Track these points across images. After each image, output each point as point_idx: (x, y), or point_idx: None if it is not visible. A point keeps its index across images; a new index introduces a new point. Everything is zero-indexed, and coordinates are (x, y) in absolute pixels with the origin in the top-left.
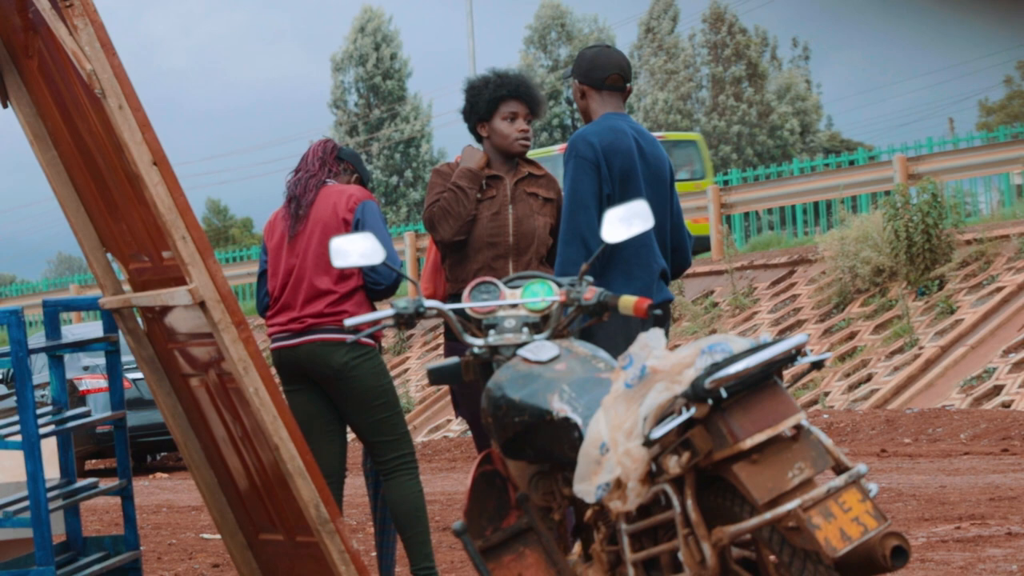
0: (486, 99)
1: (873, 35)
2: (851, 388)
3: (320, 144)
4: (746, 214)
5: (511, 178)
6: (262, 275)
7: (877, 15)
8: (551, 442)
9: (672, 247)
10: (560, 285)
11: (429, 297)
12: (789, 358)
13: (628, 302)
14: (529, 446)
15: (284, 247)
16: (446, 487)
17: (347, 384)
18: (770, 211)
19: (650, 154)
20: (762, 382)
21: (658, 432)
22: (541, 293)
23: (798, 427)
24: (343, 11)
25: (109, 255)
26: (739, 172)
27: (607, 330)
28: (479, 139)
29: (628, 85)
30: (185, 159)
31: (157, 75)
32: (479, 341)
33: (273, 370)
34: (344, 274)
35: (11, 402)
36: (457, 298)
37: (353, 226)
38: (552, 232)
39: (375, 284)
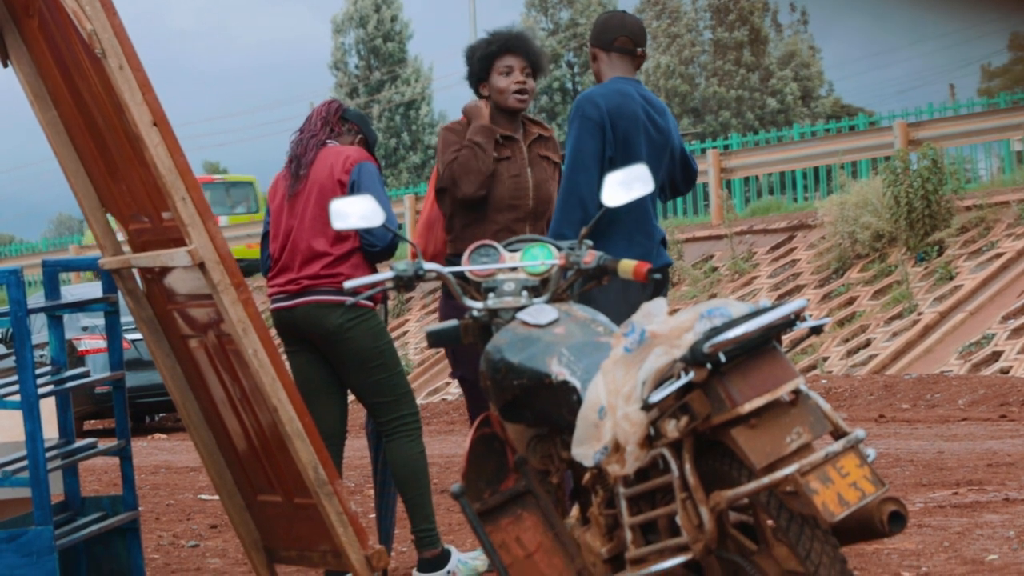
0: (479, 56)
1: (875, 0)
2: (850, 353)
3: (325, 104)
4: (746, 179)
5: (525, 140)
6: (265, 236)
7: None
8: (550, 406)
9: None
10: (560, 249)
11: (431, 255)
12: (788, 323)
13: (628, 266)
14: (528, 409)
15: (285, 208)
16: (444, 450)
17: (344, 345)
18: (770, 176)
19: (657, 123)
20: (761, 347)
21: (657, 396)
22: (540, 256)
23: (796, 392)
24: None
25: (109, 216)
26: (739, 137)
27: (606, 295)
28: (484, 100)
29: (640, 50)
30: (189, 120)
31: (165, 36)
32: (478, 304)
33: (273, 332)
34: (340, 236)
35: (10, 362)
36: (458, 260)
37: (349, 188)
38: None
39: (370, 246)
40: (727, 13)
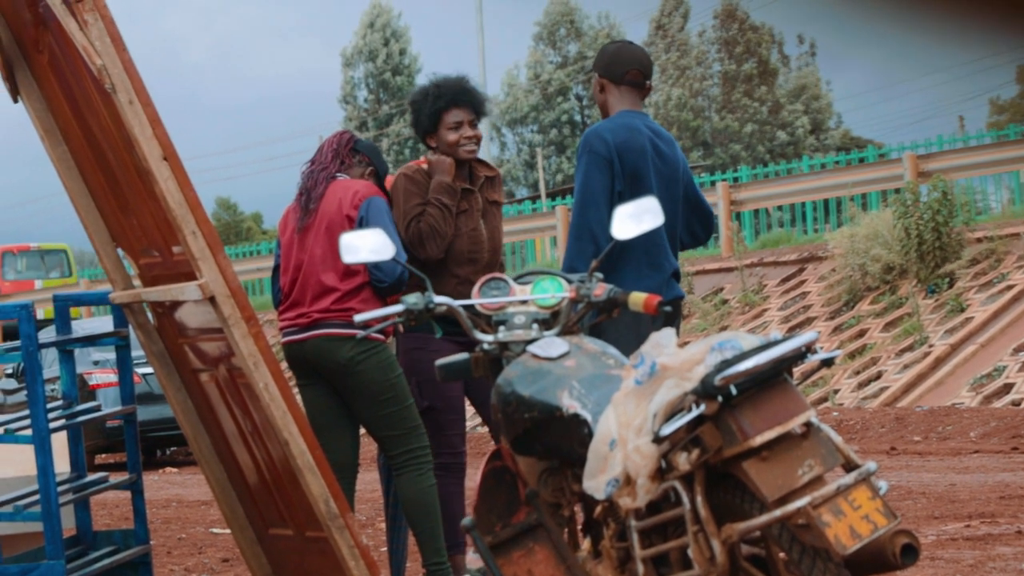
0: (428, 112)
1: (885, 33)
2: (861, 386)
3: (336, 136)
4: (756, 211)
5: (474, 185)
6: (276, 269)
7: (889, 13)
8: (561, 438)
9: (696, 218)
10: (570, 281)
11: None
12: (799, 355)
13: (638, 299)
14: (539, 442)
15: (295, 242)
16: None
17: (354, 379)
18: (780, 208)
19: (665, 154)
20: (772, 379)
21: (668, 429)
22: (551, 289)
23: (808, 424)
24: (355, 5)
25: (120, 250)
26: (749, 169)
27: (617, 327)
28: (431, 150)
29: (648, 83)
30: (202, 153)
31: (180, 70)
32: (489, 337)
33: (284, 365)
34: (350, 271)
35: (22, 396)
36: None
37: (357, 223)
38: None
39: (379, 281)
40: (735, 45)
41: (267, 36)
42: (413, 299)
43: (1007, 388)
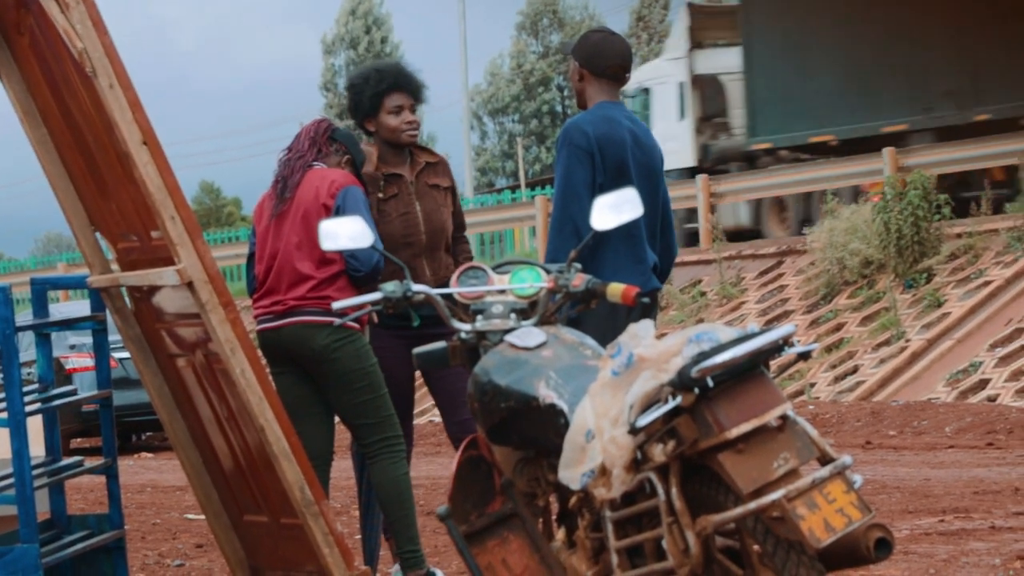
0: (369, 95)
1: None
2: (837, 379)
3: (314, 124)
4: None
5: (411, 172)
6: (251, 258)
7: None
8: (537, 428)
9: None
10: (548, 272)
11: None
12: (776, 348)
13: (616, 290)
14: (515, 432)
15: (270, 230)
16: (431, 471)
17: (328, 366)
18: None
19: (643, 144)
20: (749, 372)
21: (644, 420)
22: (529, 279)
23: (784, 417)
24: None
25: (98, 234)
26: None
27: (594, 318)
28: (368, 134)
29: (627, 75)
30: (190, 138)
31: (170, 56)
32: (466, 326)
33: (259, 353)
34: (326, 259)
35: None
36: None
37: (334, 212)
38: (453, 217)
39: (355, 270)
40: None
41: (257, 22)
42: (391, 287)
43: (983, 384)
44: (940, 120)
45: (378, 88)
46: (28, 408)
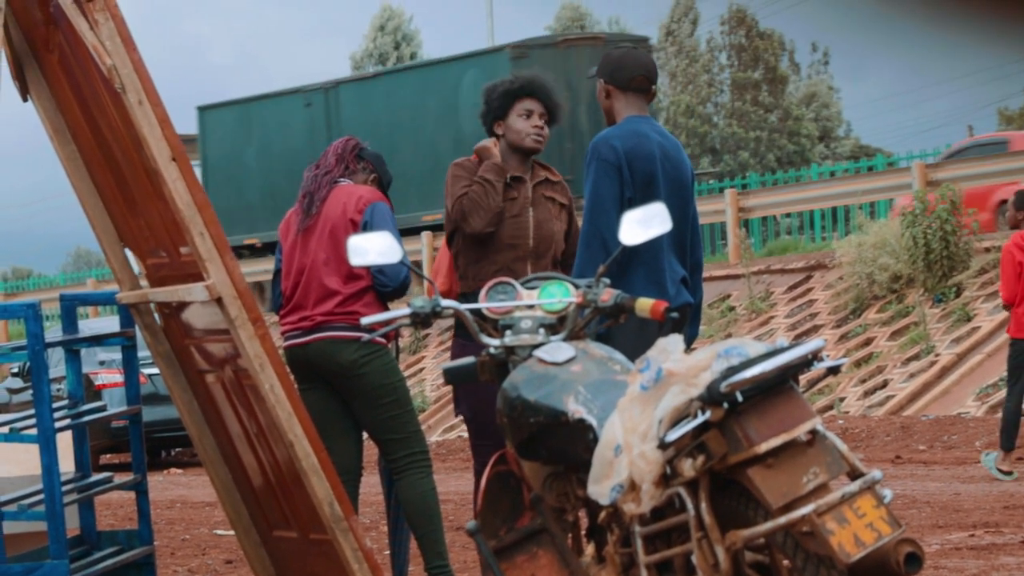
0: (500, 95)
1: (903, 44)
2: (867, 394)
3: (342, 142)
4: (764, 218)
5: (531, 180)
6: (277, 274)
7: (907, 25)
8: (566, 443)
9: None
10: (577, 287)
11: (447, 293)
12: (805, 363)
13: (645, 304)
14: (544, 447)
15: (297, 246)
16: (460, 487)
17: (356, 382)
18: (788, 216)
19: (672, 158)
20: (778, 387)
21: (673, 435)
22: (558, 294)
23: (813, 432)
24: (370, 8)
25: (127, 250)
26: (758, 176)
27: (624, 333)
28: (496, 138)
29: (653, 87)
30: None
31: (204, 71)
32: (495, 341)
33: (287, 368)
34: (353, 274)
35: (27, 395)
36: (470, 297)
37: (361, 228)
38: (564, 237)
39: (383, 286)
40: (742, 51)
41: (292, 38)
42: (420, 302)
43: None
44: None
45: (510, 89)
46: (58, 424)
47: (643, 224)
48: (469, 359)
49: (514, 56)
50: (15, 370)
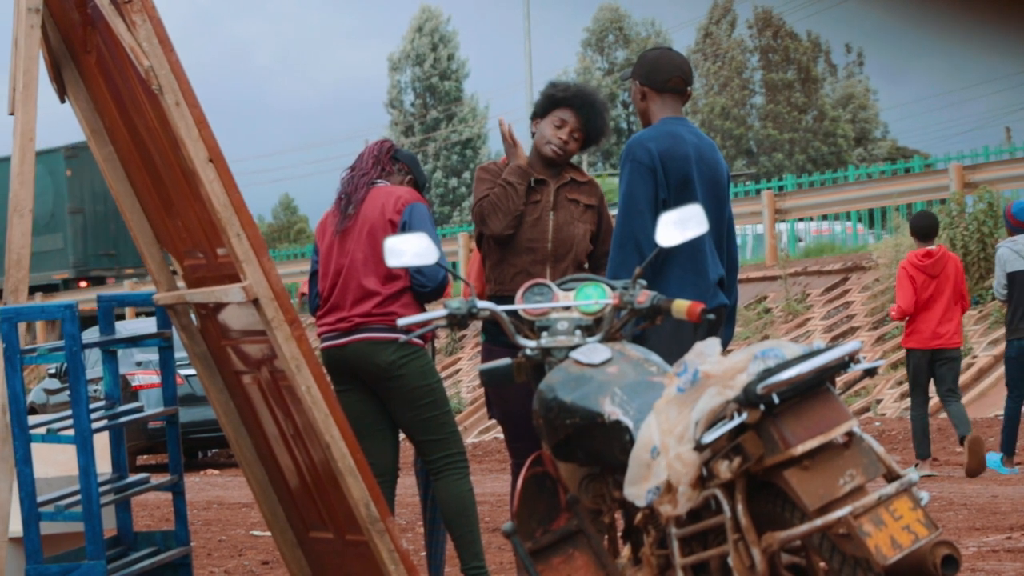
0: (545, 98)
1: (939, 46)
2: (903, 396)
3: (377, 144)
4: (800, 220)
5: (554, 183)
6: (313, 275)
7: (944, 26)
8: (602, 445)
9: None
10: (613, 288)
11: (479, 295)
12: (842, 365)
13: (681, 306)
14: (580, 448)
15: (334, 247)
16: (496, 488)
17: (394, 383)
18: (825, 217)
19: (708, 159)
20: (814, 388)
21: (709, 437)
22: (594, 296)
23: (850, 434)
24: (409, 10)
25: (164, 251)
26: (794, 178)
27: (659, 334)
28: (532, 135)
29: (688, 89)
30: (266, 153)
31: (249, 74)
32: (531, 343)
33: (323, 369)
34: (391, 275)
35: (64, 396)
36: (499, 299)
37: (400, 228)
38: (593, 239)
39: (421, 286)
40: (771, 53)
41: (335, 41)
42: (456, 303)
43: None
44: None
45: (555, 93)
46: (95, 425)
47: (680, 226)
48: (505, 360)
49: (68, 156)
50: (52, 371)
